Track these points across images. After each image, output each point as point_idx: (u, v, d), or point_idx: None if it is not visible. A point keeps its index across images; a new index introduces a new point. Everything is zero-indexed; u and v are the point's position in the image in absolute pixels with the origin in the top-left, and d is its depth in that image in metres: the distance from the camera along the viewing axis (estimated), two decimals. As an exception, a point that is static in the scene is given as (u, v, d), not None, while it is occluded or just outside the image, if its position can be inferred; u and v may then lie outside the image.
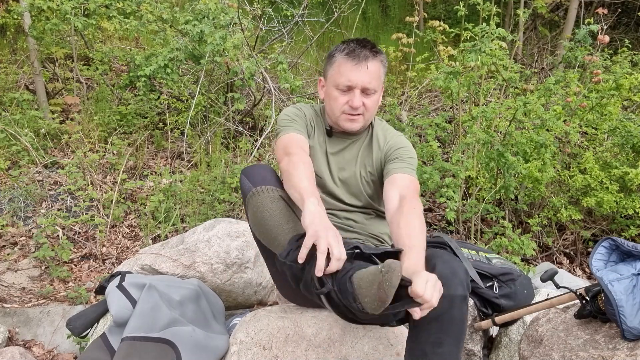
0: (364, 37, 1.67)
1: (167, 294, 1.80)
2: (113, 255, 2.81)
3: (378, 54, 1.62)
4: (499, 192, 2.85)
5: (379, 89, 1.64)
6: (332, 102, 1.63)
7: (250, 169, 1.57)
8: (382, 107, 4.02)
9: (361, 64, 1.57)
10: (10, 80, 4.21)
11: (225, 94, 3.87)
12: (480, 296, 1.92)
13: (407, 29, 5.04)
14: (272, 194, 1.49)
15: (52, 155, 3.47)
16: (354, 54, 1.57)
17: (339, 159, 1.72)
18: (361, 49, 1.58)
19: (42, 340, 2.19)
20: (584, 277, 2.81)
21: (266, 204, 1.48)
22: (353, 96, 1.59)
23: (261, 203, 1.48)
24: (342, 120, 1.64)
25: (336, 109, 1.63)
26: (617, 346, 1.39)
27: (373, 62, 1.59)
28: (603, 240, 1.56)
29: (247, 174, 1.56)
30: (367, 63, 1.57)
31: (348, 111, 1.61)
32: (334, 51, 1.64)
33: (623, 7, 5.58)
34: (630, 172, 2.65)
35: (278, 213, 1.47)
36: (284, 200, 1.49)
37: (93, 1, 3.50)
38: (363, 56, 1.57)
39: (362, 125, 1.66)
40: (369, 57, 1.58)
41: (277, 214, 1.47)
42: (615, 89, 2.83)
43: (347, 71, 1.58)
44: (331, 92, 1.63)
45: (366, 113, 1.63)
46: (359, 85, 1.58)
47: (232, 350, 1.74)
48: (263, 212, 1.48)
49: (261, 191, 1.49)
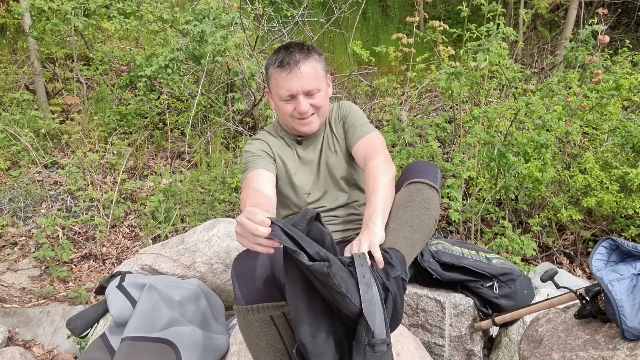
0: (291, 41, 1.71)
1: (167, 294, 1.80)
2: (113, 256, 2.81)
3: (309, 52, 1.63)
4: (499, 192, 2.85)
5: (321, 86, 1.66)
6: (281, 112, 1.68)
7: (242, 266, 1.39)
8: (382, 107, 4.03)
9: (293, 71, 1.58)
10: (10, 80, 4.22)
11: (225, 94, 3.87)
12: (480, 296, 1.92)
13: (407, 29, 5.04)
14: (262, 315, 1.38)
15: (52, 155, 3.47)
16: (284, 63, 1.58)
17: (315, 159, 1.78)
18: (290, 56, 1.59)
19: (42, 340, 2.19)
20: (584, 277, 2.81)
21: (254, 329, 1.39)
22: (298, 102, 1.62)
23: (250, 324, 1.40)
24: (298, 125, 1.68)
25: (288, 118, 1.68)
26: (617, 346, 1.39)
27: (305, 64, 1.60)
28: (603, 241, 1.56)
29: (239, 274, 1.39)
30: (299, 68, 1.58)
31: (299, 117, 1.66)
32: (267, 64, 1.65)
33: (623, 7, 5.58)
34: (630, 172, 2.65)
35: (265, 345, 1.40)
36: (274, 324, 1.40)
37: (93, 1, 3.50)
38: (293, 62, 1.58)
39: (320, 122, 1.72)
40: (299, 62, 1.58)
41: (264, 347, 1.40)
42: (615, 89, 2.83)
43: (283, 81, 1.59)
44: (278, 103, 1.67)
45: (318, 111, 1.68)
46: (300, 91, 1.61)
47: (232, 350, 1.74)
48: (250, 337, 1.42)
49: (251, 311, 1.37)
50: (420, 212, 1.47)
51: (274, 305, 1.39)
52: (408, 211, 1.47)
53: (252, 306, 1.37)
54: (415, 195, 1.50)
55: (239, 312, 1.39)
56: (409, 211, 1.47)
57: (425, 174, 1.55)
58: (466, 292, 1.94)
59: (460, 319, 1.91)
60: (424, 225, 1.47)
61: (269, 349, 1.40)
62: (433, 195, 1.53)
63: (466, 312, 1.91)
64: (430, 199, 1.51)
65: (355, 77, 4.55)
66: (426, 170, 1.58)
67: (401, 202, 1.50)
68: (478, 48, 2.85)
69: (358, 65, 4.84)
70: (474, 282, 1.91)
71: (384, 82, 4.25)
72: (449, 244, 2.00)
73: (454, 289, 1.95)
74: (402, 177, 1.60)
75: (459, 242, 2.07)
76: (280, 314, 1.40)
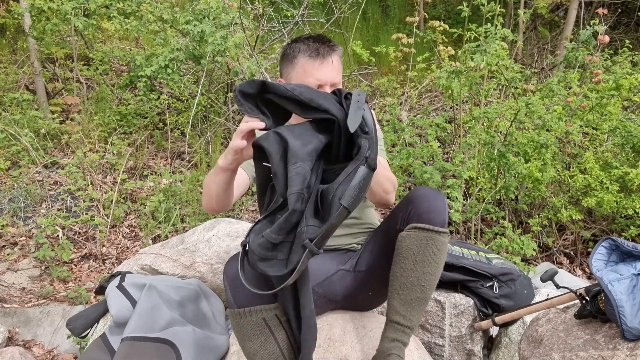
0: (318, 33, 1.67)
1: (167, 294, 1.80)
2: (113, 256, 2.81)
3: (337, 46, 1.63)
4: (499, 192, 2.85)
5: (341, 81, 1.66)
6: None
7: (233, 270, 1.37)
8: (382, 107, 4.02)
9: (327, 61, 1.57)
10: (10, 80, 4.22)
11: (225, 94, 3.87)
12: (480, 296, 1.92)
13: (407, 29, 5.04)
14: (255, 318, 1.38)
15: (52, 156, 3.47)
16: (318, 53, 1.57)
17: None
18: (323, 46, 1.59)
19: (42, 340, 2.19)
20: (584, 277, 2.81)
21: (247, 332, 1.40)
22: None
23: (243, 328, 1.40)
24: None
25: None
26: (617, 346, 1.39)
27: (335, 57, 1.60)
28: (603, 241, 1.56)
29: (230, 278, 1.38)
30: (332, 58, 1.58)
31: None
32: (293, 52, 1.61)
33: (623, 7, 5.58)
34: (630, 172, 2.65)
35: (259, 348, 1.40)
36: (267, 327, 1.40)
37: (93, 1, 3.50)
38: (327, 53, 1.58)
39: None
40: (331, 53, 1.58)
41: (258, 349, 1.40)
42: (615, 89, 2.83)
43: (314, 71, 1.57)
44: None
45: None
46: (328, 82, 1.59)
47: (232, 350, 1.74)
48: (244, 341, 1.42)
49: (243, 314, 1.38)
50: (431, 268, 1.44)
51: (267, 308, 1.38)
52: (419, 267, 1.43)
53: (245, 309, 1.37)
54: (425, 248, 1.43)
55: (232, 315, 1.40)
56: (420, 267, 1.43)
57: (434, 212, 1.45)
58: (466, 292, 1.94)
59: (460, 319, 1.91)
60: (434, 280, 1.46)
61: (263, 352, 1.40)
62: (443, 242, 1.45)
63: (466, 312, 1.91)
64: (440, 250, 1.45)
65: (355, 77, 4.55)
66: (434, 205, 1.46)
67: (410, 253, 1.44)
68: (476, 49, 2.85)
69: (358, 65, 4.84)
70: (474, 282, 1.91)
71: (384, 82, 4.25)
72: (449, 244, 2.00)
73: (454, 289, 1.96)
74: (409, 208, 1.49)
75: (459, 242, 2.07)
76: (273, 316, 1.39)
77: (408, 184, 3.25)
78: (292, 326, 1.40)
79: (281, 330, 1.40)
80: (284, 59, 1.65)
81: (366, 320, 1.70)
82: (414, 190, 1.52)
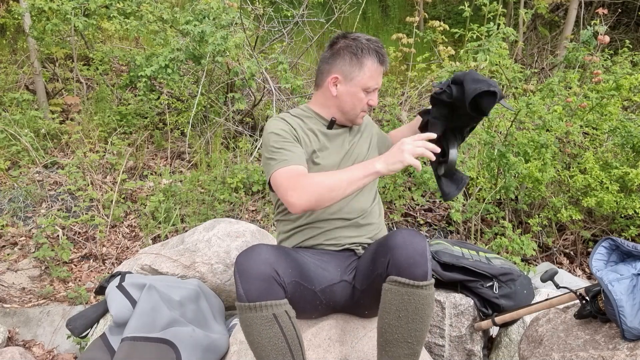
0: (376, 38, 1.70)
1: (167, 294, 1.80)
2: (113, 256, 2.81)
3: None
4: (499, 192, 2.86)
5: None
6: (356, 101, 1.68)
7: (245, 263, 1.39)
8: (382, 107, 4.03)
9: (385, 68, 1.69)
10: (10, 80, 4.22)
11: (225, 94, 3.87)
12: (480, 296, 1.92)
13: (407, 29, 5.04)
14: (265, 313, 1.36)
15: (52, 156, 3.47)
16: (383, 60, 1.66)
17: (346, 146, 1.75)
18: (383, 52, 1.67)
19: (42, 340, 2.19)
20: (584, 277, 2.81)
21: (256, 326, 1.38)
22: (374, 97, 1.69)
23: (252, 322, 1.38)
24: (359, 117, 1.73)
25: (359, 108, 1.70)
26: (617, 346, 1.39)
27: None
28: (603, 241, 1.56)
29: (242, 271, 1.38)
30: (386, 66, 1.70)
31: (365, 109, 1.71)
32: (361, 53, 1.63)
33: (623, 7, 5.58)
34: (630, 172, 2.65)
35: (267, 343, 1.38)
36: (277, 322, 1.38)
37: (93, 1, 3.50)
38: (386, 60, 1.68)
39: None
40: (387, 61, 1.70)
41: (266, 345, 1.38)
42: (615, 89, 2.83)
43: (377, 76, 1.67)
44: (357, 92, 1.66)
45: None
46: (379, 87, 1.71)
47: (232, 350, 1.74)
48: (252, 335, 1.40)
49: (254, 308, 1.36)
50: (415, 324, 1.40)
51: (277, 304, 1.38)
52: (403, 323, 1.40)
53: (255, 304, 1.36)
54: (407, 304, 1.38)
55: (241, 309, 1.38)
56: (404, 324, 1.40)
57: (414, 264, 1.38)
58: (466, 292, 1.94)
59: (460, 319, 1.91)
60: (421, 335, 1.42)
61: (271, 347, 1.39)
62: (426, 295, 1.39)
63: (466, 312, 1.91)
64: (424, 304, 1.39)
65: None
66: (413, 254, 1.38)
67: (393, 308, 1.40)
68: (478, 48, 2.86)
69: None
70: (474, 282, 1.91)
71: (384, 82, 4.25)
72: (449, 244, 2.01)
73: (454, 289, 1.96)
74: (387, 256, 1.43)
75: (459, 242, 2.07)
76: (283, 312, 1.39)
77: (408, 183, 3.26)
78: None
79: (290, 326, 1.40)
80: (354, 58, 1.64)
81: (366, 321, 1.71)
82: (391, 236, 1.45)
